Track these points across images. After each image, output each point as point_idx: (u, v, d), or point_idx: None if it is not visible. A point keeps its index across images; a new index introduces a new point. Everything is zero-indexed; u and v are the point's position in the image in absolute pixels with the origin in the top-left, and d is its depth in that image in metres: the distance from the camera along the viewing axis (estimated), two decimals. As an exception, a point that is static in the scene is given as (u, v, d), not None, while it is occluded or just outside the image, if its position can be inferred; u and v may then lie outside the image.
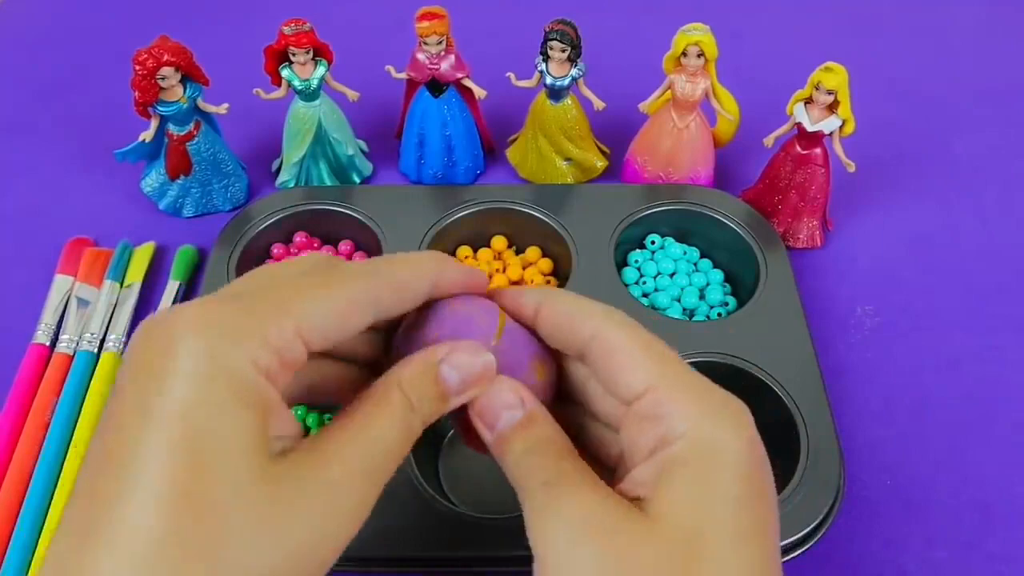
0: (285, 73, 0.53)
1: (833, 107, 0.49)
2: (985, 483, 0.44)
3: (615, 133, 0.60)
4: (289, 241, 0.54)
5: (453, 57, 0.53)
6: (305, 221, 0.54)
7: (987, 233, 0.57)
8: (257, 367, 0.22)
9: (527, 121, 0.57)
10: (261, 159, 0.60)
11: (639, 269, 0.53)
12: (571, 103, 0.55)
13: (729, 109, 0.53)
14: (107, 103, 0.65)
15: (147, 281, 0.52)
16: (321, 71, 0.53)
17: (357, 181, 0.59)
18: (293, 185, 0.57)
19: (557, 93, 0.54)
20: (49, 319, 0.49)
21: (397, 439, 0.24)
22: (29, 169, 0.61)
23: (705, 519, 0.23)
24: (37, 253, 0.54)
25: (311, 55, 0.52)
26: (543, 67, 0.53)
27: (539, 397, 0.27)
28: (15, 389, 0.46)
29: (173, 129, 0.52)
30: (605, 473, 0.26)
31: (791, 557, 0.39)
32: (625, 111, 0.56)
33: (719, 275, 0.53)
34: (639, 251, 0.53)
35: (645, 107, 0.55)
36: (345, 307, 0.24)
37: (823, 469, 0.41)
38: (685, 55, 0.51)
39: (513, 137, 0.60)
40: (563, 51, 0.51)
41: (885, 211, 0.58)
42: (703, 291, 0.52)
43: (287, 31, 0.51)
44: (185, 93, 0.51)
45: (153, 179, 0.55)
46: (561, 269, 0.52)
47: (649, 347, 0.26)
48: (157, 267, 0.54)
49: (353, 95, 0.55)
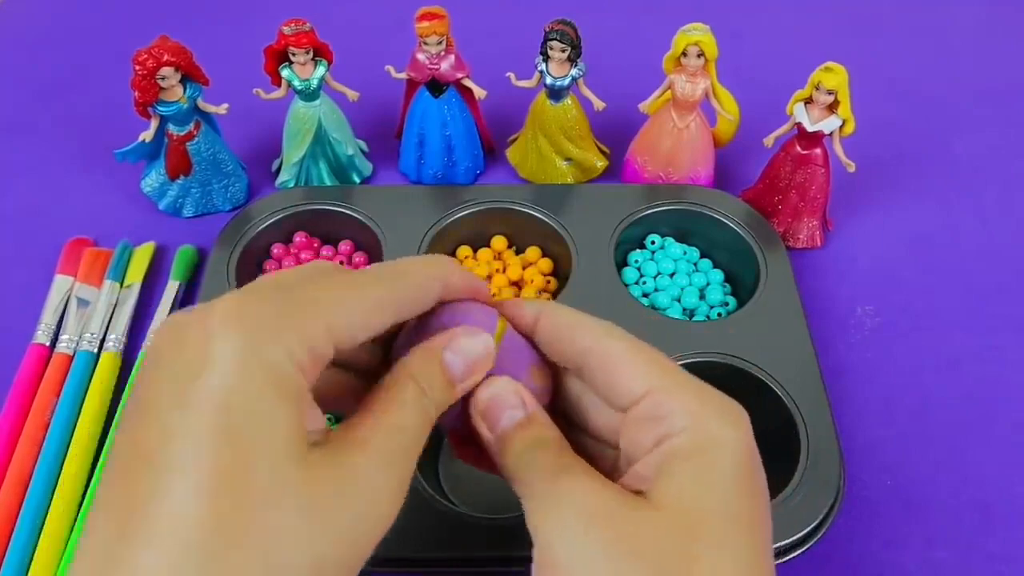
0: (285, 73, 0.53)
1: (833, 107, 0.49)
2: (985, 483, 0.44)
3: (615, 133, 0.60)
4: (289, 241, 0.54)
5: (453, 57, 0.53)
6: (305, 221, 0.54)
7: (987, 233, 0.57)
8: (293, 361, 0.22)
9: (527, 121, 0.57)
10: (261, 159, 0.60)
11: (639, 269, 0.53)
12: (571, 103, 0.55)
13: (729, 109, 0.53)
14: (107, 103, 0.65)
15: (147, 281, 0.52)
16: (321, 71, 0.53)
17: (357, 181, 0.59)
18: (293, 185, 0.57)
19: (557, 93, 0.54)
20: (49, 319, 0.49)
21: (418, 423, 0.25)
22: (29, 169, 0.61)
23: (706, 506, 0.24)
24: (37, 253, 0.54)
25: (311, 55, 0.52)
26: (543, 67, 0.53)
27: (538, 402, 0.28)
28: (15, 389, 0.46)
29: (173, 129, 0.52)
30: None
31: (791, 557, 0.39)
32: (625, 111, 0.56)
33: (719, 275, 0.53)
34: (639, 251, 0.53)
35: (645, 107, 0.55)
36: (372, 307, 0.25)
37: (823, 469, 0.41)
38: (685, 55, 0.51)
39: (513, 137, 0.60)
40: (563, 51, 0.51)
41: (885, 211, 0.58)
42: (703, 291, 0.52)
43: (287, 31, 0.51)
44: (185, 93, 0.51)
45: (153, 179, 0.55)
46: (561, 269, 0.52)
47: (648, 354, 0.27)
48: (157, 267, 0.54)
49: (353, 95, 0.55)
